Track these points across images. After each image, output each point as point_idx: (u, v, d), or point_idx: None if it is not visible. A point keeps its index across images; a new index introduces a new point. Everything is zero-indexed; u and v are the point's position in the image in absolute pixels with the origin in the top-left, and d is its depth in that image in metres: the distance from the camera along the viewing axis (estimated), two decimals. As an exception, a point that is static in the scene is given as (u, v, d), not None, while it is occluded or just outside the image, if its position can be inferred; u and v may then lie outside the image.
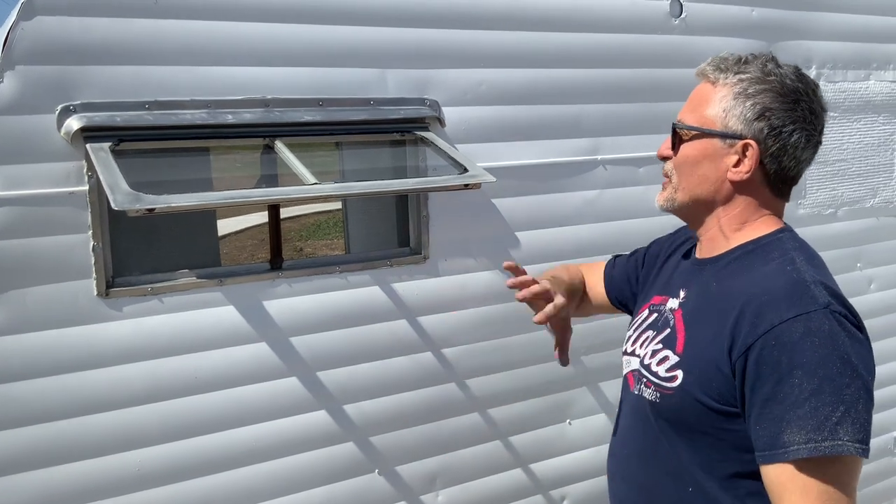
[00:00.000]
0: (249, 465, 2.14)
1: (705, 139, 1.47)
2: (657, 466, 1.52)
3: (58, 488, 1.93)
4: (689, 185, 1.51)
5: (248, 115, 2.03)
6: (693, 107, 1.51)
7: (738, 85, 1.44)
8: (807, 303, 1.31)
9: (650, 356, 1.53)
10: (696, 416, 1.41)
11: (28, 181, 1.82)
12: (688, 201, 1.53)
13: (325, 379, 2.21)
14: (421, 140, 2.25)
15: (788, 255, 1.43)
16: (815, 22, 2.99)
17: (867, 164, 3.21)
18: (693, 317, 1.49)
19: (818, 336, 1.28)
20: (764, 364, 1.30)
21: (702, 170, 1.48)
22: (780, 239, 1.47)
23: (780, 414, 1.28)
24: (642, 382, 1.53)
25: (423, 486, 2.42)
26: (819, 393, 1.25)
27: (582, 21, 2.49)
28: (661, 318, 1.58)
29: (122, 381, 1.96)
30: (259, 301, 2.11)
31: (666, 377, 1.46)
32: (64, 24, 1.82)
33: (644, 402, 1.52)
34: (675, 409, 1.45)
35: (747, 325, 1.33)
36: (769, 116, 1.42)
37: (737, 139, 1.44)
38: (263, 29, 2.03)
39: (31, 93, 1.80)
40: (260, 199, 1.91)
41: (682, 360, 1.45)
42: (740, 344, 1.33)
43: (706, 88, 1.49)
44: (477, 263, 2.41)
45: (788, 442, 1.26)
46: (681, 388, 1.43)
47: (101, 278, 1.91)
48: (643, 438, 1.55)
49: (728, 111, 1.44)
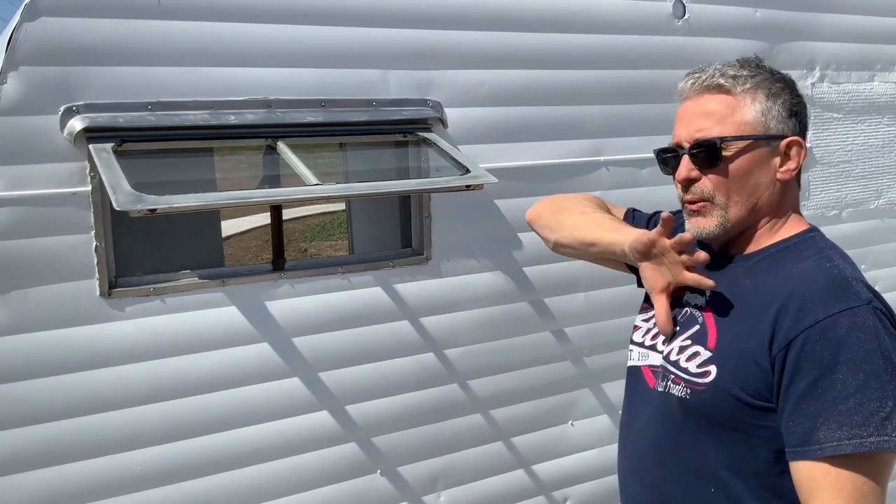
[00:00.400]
0: (251, 466, 2.14)
1: (751, 147, 1.44)
2: (677, 465, 1.49)
3: (60, 488, 1.94)
4: (744, 198, 1.46)
5: (251, 115, 2.03)
6: (717, 120, 1.45)
7: (761, 87, 1.45)
8: (851, 298, 1.30)
9: (677, 352, 1.50)
10: (728, 412, 1.39)
11: (31, 181, 1.83)
12: (744, 215, 1.47)
13: (328, 379, 2.22)
14: (423, 141, 2.25)
15: (824, 252, 1.43)
16: (819, 23, 2.98)
17: (871, 165, 3.20)
18: (724, 312, 1.46)
19: (863, 332, 1.27)
20: (805, 358, 1.28)
21: (754, 178, 1.45)
22: (813, 238, 1.48)
23: (817, 410, 1.27)
24: (668, 379, 1.50)
25: (426, 486, 2.42)
26: (865, 388, 1.25)
27: (584, 22, 2.49)
28: (684, 314, 1.55)
29: (125, 381, 1.97)
30: (261, 302, 2.11)
31: (697, 373, 1.44)
32: (67, 25, 1.82)
33: (671, 398, 1.48)
34: (707, 406, 1.42)
35: (790, 319, 1.31)
36: (796, 111, 1.47)
37: (781, 139, 1.45)
38: (266, 30, 2.04)
39: (35, 93, 1.81)
40: (262, 199, 1.91)
41: (716, 355, 1.42)
42: (782, 338, 1.31)
43: (722, 99, 1.46)
44: (479, 264, 2.41)
45: (825, 438, 1.25)
46: (714, 384, 1.40)
47: (104, 278, 1.92)
48: (664, 436, 1.52)
49: (766, 113, 1.44)
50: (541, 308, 2.53)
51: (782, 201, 1.49)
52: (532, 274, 2.50)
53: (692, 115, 1.49)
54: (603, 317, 2.63)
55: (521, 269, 2.49)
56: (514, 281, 2.48)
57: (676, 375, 1.48)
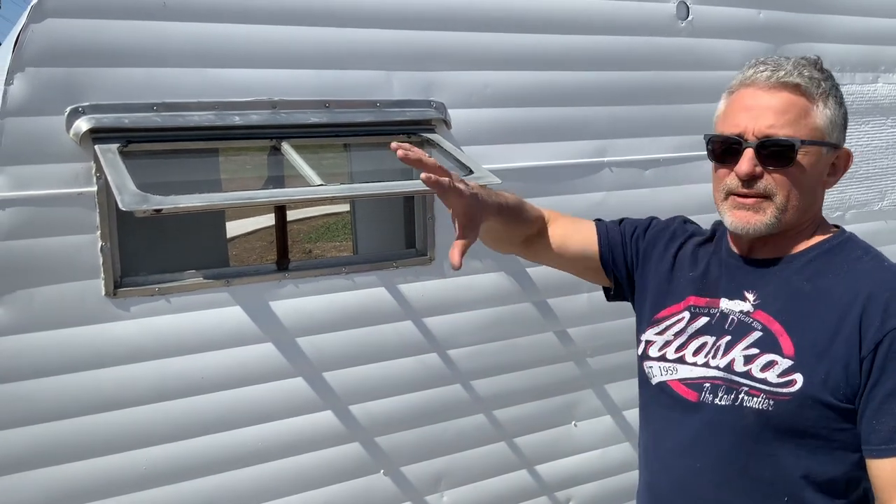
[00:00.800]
0: (255, 465, 2.15)
1: (816, 152, 1.43)
2: (745, 481, 1.44)
3: (66, 486, 1.95)
4: (803, 202, 1.44)
5: (255, 116, 2.04)
6: (793, 119, 1.41)
7: (832, 94, 1.43)
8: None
9: (743, 362, 1.44)
10: (813, 419, 1.37)
11: (37, 182, 1.84)
12: (797, 217, 1.45)
13: (331, 379, 2.23)
14: (427, 142, 2.26)
15: (871, 251, 1.44)
16: (823, 24, 2.99)
17: (875, 166, 3.20)
18: (792, 317, 1.42)
19: None
20: (891, 360, 1.30)
21: (812, 182, 1.44)
22: (851, 238, 1.48)
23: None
24: (740, 392, 1.43)
25: (429, 486, 2.43)
26: None
27: (588, 23, 2.50)
28: (726, 321, 1.50)
29: (130, 381, 1.98)
30: (266, 302, 2.12)
31: (780, 382, 1.39)
32: (73, 26, 1.84)
33: (745, 411, 1.42)
34: (792, 414, 1.38)
35: (877, 321, 1.32)
36: (846, 123, 1.46)
37: (837, 148, 1.45)
38: (270, 31, 2.05)
39: (41, 94, 1.82)
40: (266, 200, 1.92)
41: (799, 363, 1.38)
42: (870, 340, 1.32)
43: (799, 100, 1.41)
44: (482, 265, 2.42)
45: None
46: (801, 392, 1.37)
47: (109, 278, 1.93)
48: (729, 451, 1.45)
49: (833, 121, 1.42)
50: (544, 309, 2.54)
51: (818, 206, 1.50)
52: (535, 275, 2.51)
53: (764, 108, 1.42)
54: (606, 318, 2.63)
55: (525, 269, 2.49)
56: (518, 282, 2.48)
57: (752, 387, 1.42)
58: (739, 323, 1.48)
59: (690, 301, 1.57)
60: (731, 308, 1.50)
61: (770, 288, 1.47)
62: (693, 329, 1.54)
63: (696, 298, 1.56)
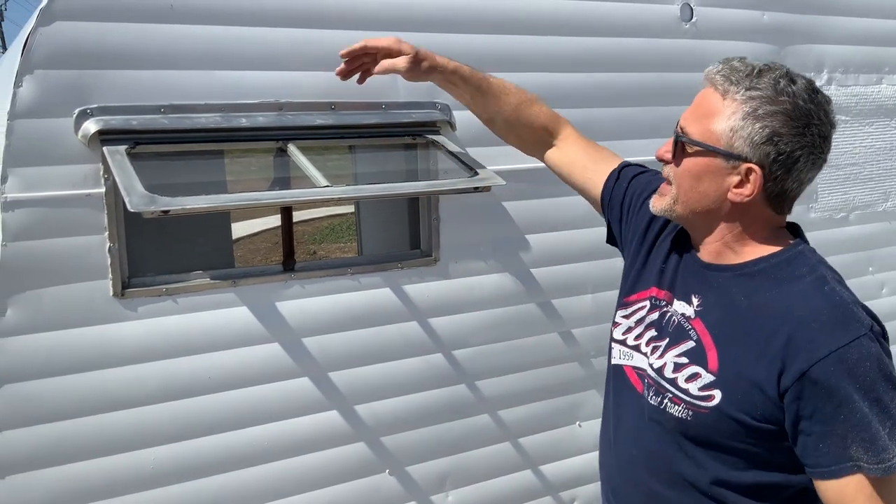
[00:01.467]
0: (261, 465, 2.16)
1: (709, 155, 1.43)
2: (673, 475, 1.50)
3: (73, 485, 1.96)
4: (689, 200, 1.48)
5: (262, 118, 2.05)
6: (698, 116, 1.45)
7: (747, 103, 1.38)
8: (856, 328, 1.32)
9: (672, 369, 1.49)
10: (729, 433, 1.41)
11: (46, 183, 1.86)
12: (687, 214, 1.50)
13: (337, 379, 2.24)
14: (432, 143, 2.27)
15: (817, 270, 1.42)
16: (827, 26, 2.99)
17: (879, 167, 3.21)
18: (723, 332, 1.45)
19: (868, 361, 1.31)
20: (823, 388, 1.31)
21: (703, 186, 1.45)
22: (801, 252, 1.46)
23: (842, 432, 1.31)
24: (665, 396, 1.49)
25: (434, 486, 2.44)
26: (874, 415, 1.30)
27: (592, 25, 2.51)
28: (670, 322, 1.54)
29: (137, 381, 1.99)
30: (272, 302, 2.13)
31: (700, 395, 1.43)
32: (81, 29, 1.85)
33: (668, 416, 1.48)
34: (710, 428, 1.43)
35: (802, 352, 1.32)
36: (777, 142, 1.38)
37: (741, 161, 1.40)
38: (277, 33, 2.06)
39: (49, 97, 1.84)
40: (272, 201, 1.93)
41: (720, 380, 1.42)
42: (794, 370, 1.32)
43: (714, 98, 1.43)
44: (487, 266, 2.43)
45: (856, 457, 1.30)
46: (718, 409, 1.40)
47: (117, 279, 1.94)
48: (658, 446, 1.52)
49: (736, 131, 1.39)
50: (549, 309, 2.55)
51: (749, 221, 1.47)
52: (540, 275, 2.51)
53: (694, 102, 1.49)
54: (611, 319, 2.63)
55: (529, 270, 2.50)
56: (522, 282, 2.49)
57: (675, 395, 1.47)
58: (679, 327, 1.52)
59: (654, 291, 1.62)
60: (677, 309, 1.54)
61: (711, 296, 1.49)
62: (648, 320, 1.59)
63: (657, 290, 1.61)
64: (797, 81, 1.41)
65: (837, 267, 1.49)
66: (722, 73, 1.43)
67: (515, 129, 2.05)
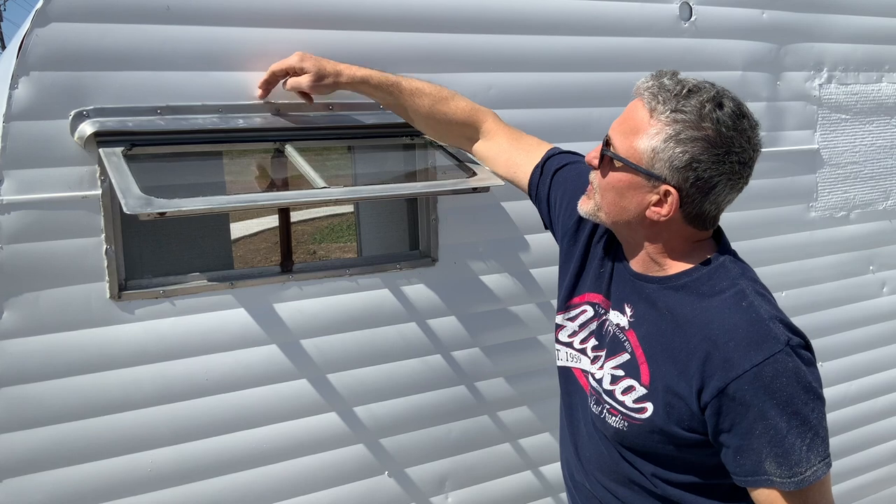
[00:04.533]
0: (259, 467, 2.15)
1: (631, 172, 1.45)
2: (621, 475, 1.57)
3: (71, 488, 1.95)
4: (611, 212, 1.51)
5: (259, 119, 2.05)
6: (625, 131, 1.47)
7: (671, 126, 1.39)
8: (771, 345, 1.35)
9: (610, 381, 1.55)
10: (662, 443, 1.47)
11: (42, 185, 1.85)
12: (611, 224, 1.55)
13: (336, 381, 2.23)
14: (430, 144, 2.27)
15: (737, 284, 1.44)
16: (827, 24, 2.98)
17: (879, 166, 3.20)
18: (651, 346, 1.50)
19: (785, 376, 1.34)
20: (739, 405, 1.35)
21: (624, 201, 1.48)
22: (723, 265, 1.48)
23: (758, 447, 1.36)
24: (604, 407, 1.55)
25: (433, 488, 2.43)
26: (791, 429, 1.34)
27: (591, 25, 2.50)
28: (608, 333, 1.59)
29: (134, 383, 1.99)
30: (270, 304, 2.13)
31: (634, 408, 1.49)
32: (77, 30, 1.84)
33: (607, 426, 1.55)
34: (644, 437, 1.49)
35: (718, 370, 1.37)
36: (696, 167, 1.39)
37: (660, 182, 1.42)
38: (273, 34, 2.05)
39: (46, 98, 1.83)
40: (269, 202, 1.92)
41: (650, 393, 1.48)
42: (712, 387, 1.37)
43: (641, 115, 1.44)
44: (486, 266, 2.42)
45: (770, 472, 1.36)
46: (650, 420, 1.47)
47: (114, 281, 1.94)
48: (605, 450, 1.60)
49: (657, 152, 1.40)
50: (548, 310, 2.54)
51: (670, 236, 1.49)
52: (539, 276, 2.51)
53: (623, 113, 1.51)
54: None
55: (529, 270, 2.49)
56: (522, 283, 2.49)
57: (612, 406, 1.53)
58: (614, 338, 1.57)
59: (594, 297, 1.66)
60: (612, 319, 1.59)
61: (642, 307, 1.53)
62: (591, 327, 1.64)
63: (595, 295, 1.65)
64: (724, 106, 1.41)
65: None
66: (651, 91, 1.45)
67: (435, 128, 2.10)
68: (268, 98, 2.06)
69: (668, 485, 1.51)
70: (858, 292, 3.17)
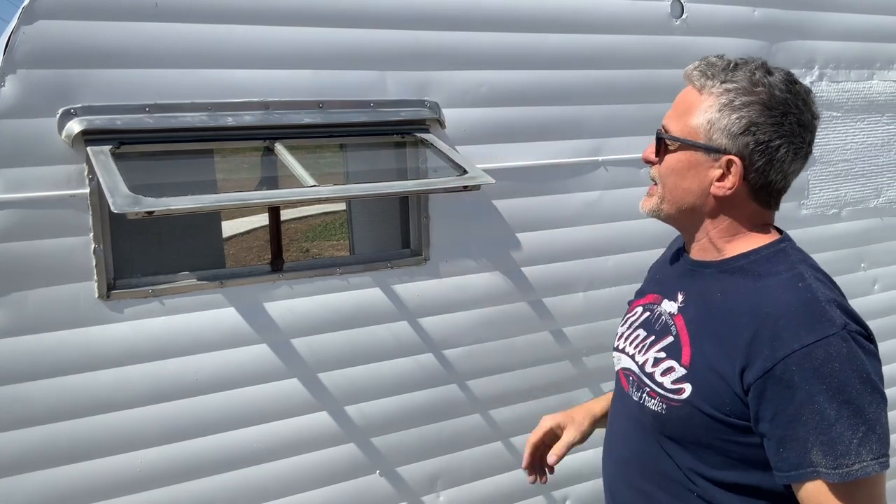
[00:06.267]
0: (250, 466, 2.15)
1: (689, 150, 1.43)
2: (659, 474, 1.50)
3: (61, 489, 1.95)
4: (674, 197, 1.48)
5: (249, 117, 2.04)
6: (678, 113, 1.46)
7: (724, 95, 1.39)
8: (825, 326, 1.29)
9: (652, 364, 1.50)
10: (703, 429, 1.40)
11: (29, 184, 1.84)
12: (673, 212, 1.51)
13: (326, 380, 2.22)
14: (421, 142, 2.26)
15: (796, 268, 1.39)
16: (818, 22, 2.98)
17: (871, 164, 3.20)
18: (697, 328, 1.45)
19: (838, 361, 1.27)
20: (785, 388, 1.28)
21: (686, 182, 1.45)
22: (783, 250, 1.44)
23: (804, 436, 1.28)
24: (644, 391, 1.50)
25: (425, 486, 2.43)
26: (841, 418, 1.26)
27: (582, 22, 2.49)
28: (657, 320, 1.55)
29: (124, 383, 1.98)
30: (260, 303, 2.12)
31: (672, 389, 1.43)
32: (65, 28, 1.83)
33: (646, 410, 1.49)
34: (683, 422, 1.42)
35: (766, 349, 1.30)
36: (755, 131, 1.38)
37: (721, 153, 1.40)
38: (263, 32, 2.04)
39: (33, 96, 1.82)
40: (259, 201, 1.91)
41: (690, 374, 1.42)
42: (758, 367, 1.30)
43: (692, 95, 1.45)
44: (477, 265, 2.42)
45: (816, 462, 1.27)
46: (688, 402, 1.40)
47: (103, 280, 1.93)
48: (643, 445, 1.53)
49: (713, 123, 1.40)
50: (540, 308, 2.54)
51: (734, 216, 1.46)
52: (531, 274, 2.50)
53: (675, 101, 1.50)
54: (602, 316, 2.63)
55: (520, 269, 2.49)
56: (513, 281, 2.48)
57: (652, 389, 1.48)
58: (664, 324, 1.53)
59: (649, 298, 1.63)
60: (665, 308, 1.55)
61: (693, 292, 1.50)
62: (638, 322, 1.60)
63: (652, 296, 1.62)
64: (774, 73, 1.41)
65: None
66: (699, 69, 1.45)
67: None
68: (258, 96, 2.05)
69: (708, 483, 1.42)
70: (850, 290, 3.10)
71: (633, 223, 2.63)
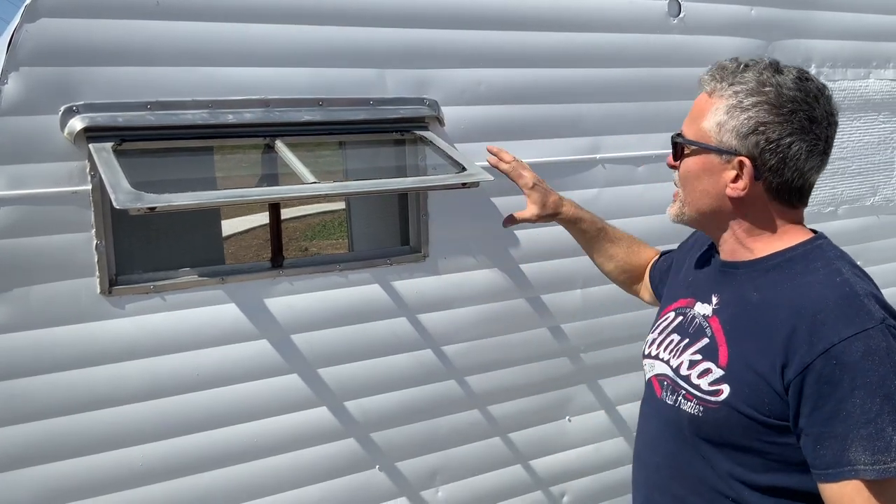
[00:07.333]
0: (250, 462, 2.16)
1: (703, 153, 1.45)
2: (693, 478, 1.49)
3: (61, 484, 1.96)
4: (693, 200, 1.50)
5: (249, 114, 2.05)
6: (692, 118, 1.49)
7: (732, 97, 1.41)
8: (864, 319, 1.28)
9: (687, 366, 1.49)
10: (741, 431, 1.38)
11: (32, 181, 1.85)
12: (696, 215, 1.51)
13: (326, 376, 2.24)
14: (420, 139, 2.27)
15: (833, 264, 1.38)
16: (815, 21, 3.00)
17: (867, 162, 3.22)
18: (734, 327, 1.44)
19: (877, 354, 1.26)
20: (825, 383, 1.27)
21: (703, 184, 1.47)
22: (820, 247, 1.43)
23: (843, 432, 1.27)
24: (679, 394, 1.49)
25: (424, 482, 2.44)
26: (882, 413, 1.25)
27: (580, 21, 2.50)
28: (691, 323, 1.54)
29: (125, 379, 1.99)
30: (260, 299, 2.13)
31: (710, 391, 1.42)
32: (67, 25, 1.84)
33: (682, 414, 1.48)
34: (720, 424, 1.41)
35: (804, 344, 1.29)
36: (764, 130, 1.38)
37: (732, 155, 1.41)
38: (264, 30, 2.05)
39: (35, 94, 1.83)
40: (259, 197, 1.93)
41: (728, 374, 1.41)
42: (797, 363, 1.30)
43: (703, 99, 1.47)
44: (476, 262, 2.43)
45: (854, 460, 1.26)
46: (727, 403, 1.39)
47: (104, 276, 1.94)
48: (676, 449, 1.51)
49: (722, 125, 1.41)
50: (538, 305, 2.55)
51: (756, 216, 1.46)
52: (529, 271, 2.52)
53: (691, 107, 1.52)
54: (600, 313, 2.65)
55: (518, 265, 2.51)
56: (512, 278, 2.50)
57: (688, 391, 1.46)
58: (698, 327, 1.52)
59: (680, 303, 1.61)
60: (699, 311, 1.54)
61: (728, 293, 1.49)
62: (671, 327, 1.59)
63: (683, 300, 1.61)
64: (784, 72, 1.43)
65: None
66: (710, 74, 1.47)
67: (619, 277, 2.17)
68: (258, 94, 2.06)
69: (743, 486, 1.41)
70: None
71: (631, 220, 2.63)
